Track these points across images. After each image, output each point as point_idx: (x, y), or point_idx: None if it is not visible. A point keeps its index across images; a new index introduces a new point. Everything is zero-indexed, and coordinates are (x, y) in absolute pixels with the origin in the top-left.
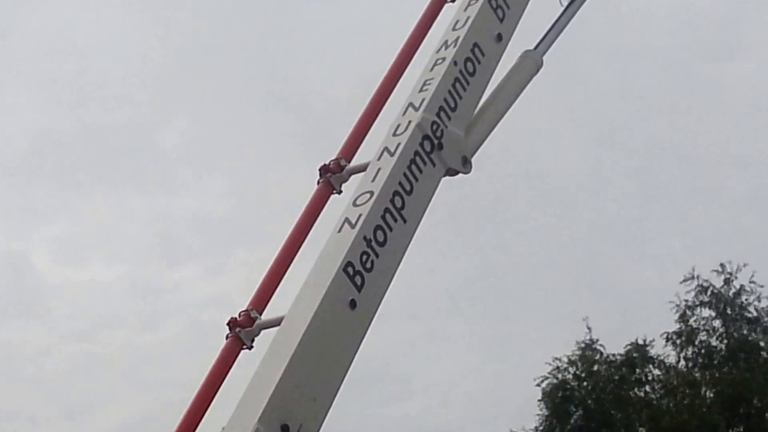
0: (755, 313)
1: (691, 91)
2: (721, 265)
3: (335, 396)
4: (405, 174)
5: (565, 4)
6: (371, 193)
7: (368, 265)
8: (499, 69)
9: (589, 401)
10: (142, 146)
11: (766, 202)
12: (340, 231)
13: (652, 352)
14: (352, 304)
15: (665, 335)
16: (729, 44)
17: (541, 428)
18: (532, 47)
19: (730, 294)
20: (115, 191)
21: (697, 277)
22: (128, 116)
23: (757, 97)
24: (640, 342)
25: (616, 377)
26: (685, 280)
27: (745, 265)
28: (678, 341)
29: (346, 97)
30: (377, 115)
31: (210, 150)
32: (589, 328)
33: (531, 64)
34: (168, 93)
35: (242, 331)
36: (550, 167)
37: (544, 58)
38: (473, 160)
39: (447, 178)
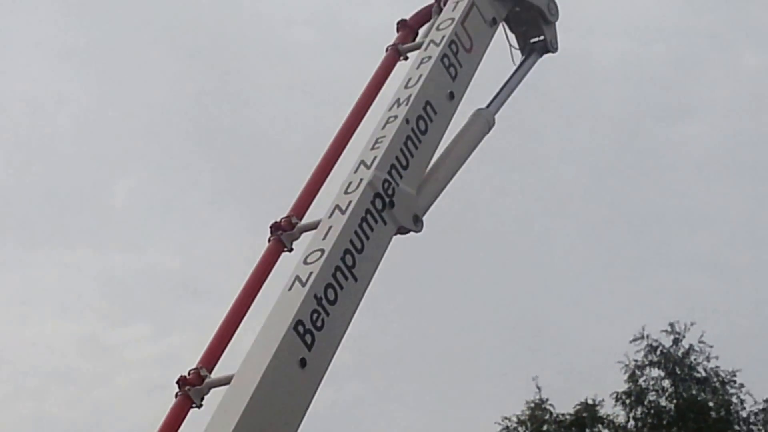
0: (704, 373)
1: (641, 151)
2: (671, 324)
3: None
4: (356, 232)
5: (518, 63)
6: (322, 251)
7: (319, 324)
8: (451, 127)
9: None
10: (91, 203)
11: (715, 262)
12: (290, 289)
13: (602, 411)
14: (302, 362)
15: (615, 395)
16: (680, 105)
17: None
18: (484, 105)
19: (679, 354)
20: (63, 247)
21: (647, 336)
22: (77, 172)
23: (707, 157)
24: (590, 401)
25: None
26: (634, 340)
27: (692, 325)
28: (627, 401)
29: (298, 153)
30: (329, 173)
31: (160, 206)
32: (538, 388)
33: (483, 122)
34: (117, 149)
35: (191, 390)
36: (498, 226)
37: (496, 116)
38: (424, 218)
39: (398, 236)
